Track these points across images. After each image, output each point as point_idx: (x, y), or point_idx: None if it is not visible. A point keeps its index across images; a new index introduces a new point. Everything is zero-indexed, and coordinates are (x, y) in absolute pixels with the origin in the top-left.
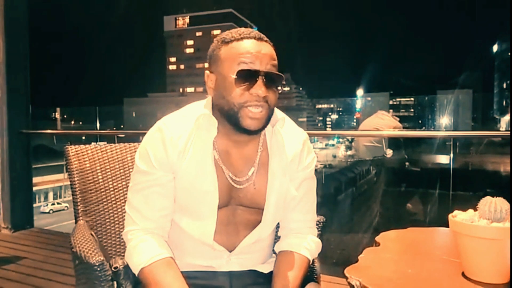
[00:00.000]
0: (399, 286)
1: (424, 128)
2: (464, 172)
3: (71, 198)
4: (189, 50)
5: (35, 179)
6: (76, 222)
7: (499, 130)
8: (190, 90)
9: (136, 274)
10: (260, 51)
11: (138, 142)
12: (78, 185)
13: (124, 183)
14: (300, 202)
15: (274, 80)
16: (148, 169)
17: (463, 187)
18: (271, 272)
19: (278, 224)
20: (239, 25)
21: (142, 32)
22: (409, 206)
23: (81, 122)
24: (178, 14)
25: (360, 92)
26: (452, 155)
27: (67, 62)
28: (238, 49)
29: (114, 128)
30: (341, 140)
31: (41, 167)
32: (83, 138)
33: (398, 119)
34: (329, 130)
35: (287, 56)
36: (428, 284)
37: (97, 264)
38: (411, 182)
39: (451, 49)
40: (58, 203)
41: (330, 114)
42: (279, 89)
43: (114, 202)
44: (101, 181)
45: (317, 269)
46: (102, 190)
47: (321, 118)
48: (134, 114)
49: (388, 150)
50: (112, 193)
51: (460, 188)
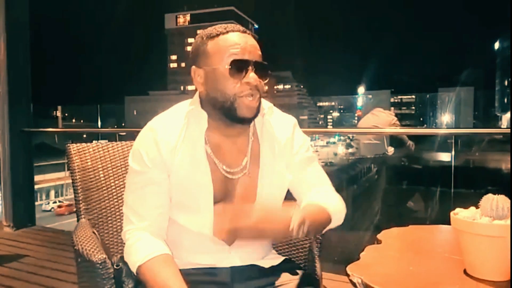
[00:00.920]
0: (401, 283)
1: (425, 126)
2: (465, 169)
3: (73, 196)
4: (190, 48)
5: (37, 177)
6: (78, 220)
7: (500, 128)
8: (191, 88)
9: (134, 272)
10: (247, 42)
11: None
12: (79, 183)
13: (125, 181)
14: (308, 179)
15: (263, 69)
16: (141, 168)
17: (465, 185)
18: (272, 266)
19: None
20: (240, 23)
21: (143, 30)
22: (410, 203)
23: (82, 121)
24: (179, 12)
25: (361, 90)
26: (453, 153)
27: (68, 61)
28: (226, 41)
29: (116, 126)
30: (342, 138)
31: (42, 165)
32: (84, 136)
33: (393, 114)
34: (330, 128)
35: (288, 54)
36: (429, 281)
37: (99, 262)
38: (412, 180)
39: (453, 46)
40: (60, 201)
41: (331, 112)
42: (267, 79)
43: (115, 200)
44: (102, 179)
45: (317, 269)
46: (104, 188)
47: (322, 116)
48: (135, 112)
49: (389, 147)
50: (113, 191)
51: (461, 185)
